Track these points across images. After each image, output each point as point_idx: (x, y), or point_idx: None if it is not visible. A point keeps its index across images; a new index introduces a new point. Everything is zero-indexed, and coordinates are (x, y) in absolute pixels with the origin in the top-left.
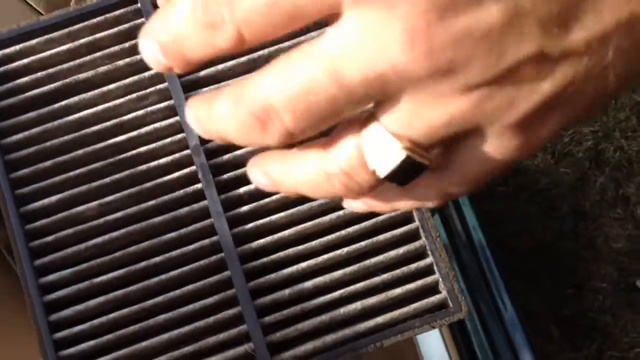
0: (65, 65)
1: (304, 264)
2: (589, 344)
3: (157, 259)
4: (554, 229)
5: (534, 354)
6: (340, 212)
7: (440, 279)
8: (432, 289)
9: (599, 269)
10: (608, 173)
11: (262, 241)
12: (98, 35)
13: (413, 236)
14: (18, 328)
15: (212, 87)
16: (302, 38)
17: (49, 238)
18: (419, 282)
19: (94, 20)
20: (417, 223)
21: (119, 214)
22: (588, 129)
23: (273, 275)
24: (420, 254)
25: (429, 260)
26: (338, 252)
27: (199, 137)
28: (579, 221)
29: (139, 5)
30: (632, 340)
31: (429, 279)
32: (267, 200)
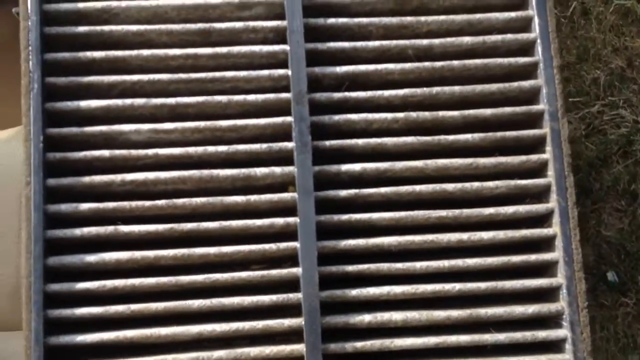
0: None
1: (398, 289)
2: None
3: (211, 224)
4: None
5: None
6: (465, 236)
7: None
8: None
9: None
10: (629, 165)
11: (352, 242)
12: None
13: (550, 294)
14: None
15: (340, 19)
16: None
17: (79, 154)
18: (542, 359)
19: None
20: (561, 280)
21: (174, 150)
22: (632, 117)
23: (354, 292)
24: (552, 321)
25: (563, 333)
26: (447, 286)
27: (309, 80)
28: (581, 197)
29: None
30: None
31: (554, 359)
32: (372, 190)
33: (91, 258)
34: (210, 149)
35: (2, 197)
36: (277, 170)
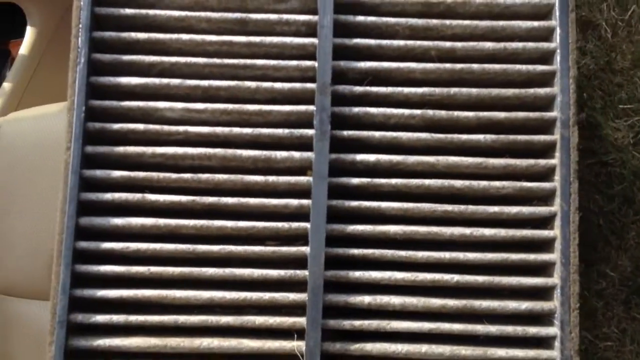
0: None
1: (399, 275)
2: None
3: (230, 200)
4: (597, 202)
5: None
6: (467, 231)
7: None
8: None
9: (616, 258)
10: None
11: (359, 228)
12: None
13: (545, 293)
14: None
15: (369, 17)
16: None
17: (116, 126)
18: (530, 353)
19: None
20: (556, 280)
21: (203, 129)
22: None
23: (357, 274)
24: (545, 319)
25: (553, 331)
26: (446, 277)
27: (334, 73)
28: (624, 207)
29: None
30: (608, 334)
31: (543, 354)
32: (383, 181)
33: (118, 221)
34: (236, 130)
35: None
36: (297, 155)
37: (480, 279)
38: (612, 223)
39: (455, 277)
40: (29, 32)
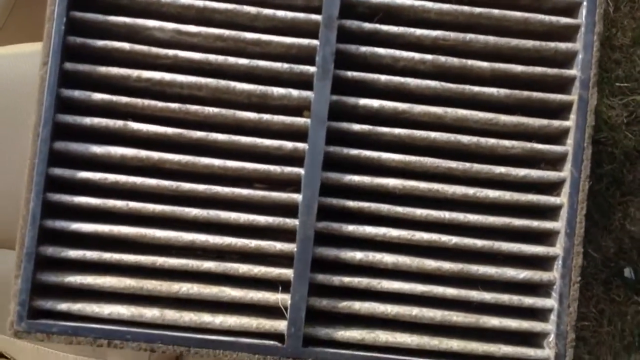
0: None
1: (395, 232)
2: None
3: (220, 136)
4: None
5: None
6: (471, 191)
7: (554, 335)
8: (536, 341)
9: (600, 239)
10: None
11: (356, 178)
12: None
13: (546, 263)
14: None
15: None
16: None
17: (99, 42)
18: (524, 324)
19: None
20: (558, 251)
21: (195, 55)
22: None
23: (350, 228)
24: (543, 290)
25: (550, 303)
26: (444, 238)
27: (342, 5)
28: (612, 188)
29: None
30: (586, 314)
31: (538, 326)
32: (386, 129)
33: (97, 149)
34: (231, 59)
35: None
36: (295, 92)
37: (480, 242)
38: (599, 203)
39: (454, 239)
40: None
